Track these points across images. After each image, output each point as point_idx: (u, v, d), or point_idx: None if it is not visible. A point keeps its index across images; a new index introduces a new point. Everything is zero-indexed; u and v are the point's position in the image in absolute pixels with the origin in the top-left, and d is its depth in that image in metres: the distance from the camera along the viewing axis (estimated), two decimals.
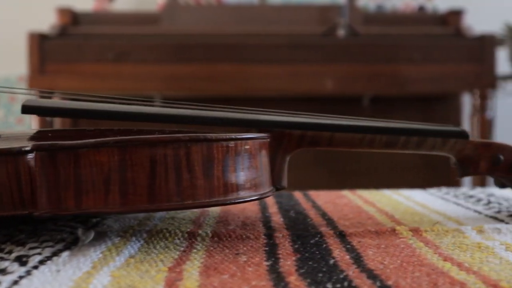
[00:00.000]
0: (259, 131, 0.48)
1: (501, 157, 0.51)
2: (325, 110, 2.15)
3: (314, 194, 0.69)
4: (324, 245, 0.42)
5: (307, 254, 0.40)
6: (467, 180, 1.91)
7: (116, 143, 0.39)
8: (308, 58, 1.72)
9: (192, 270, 0.35)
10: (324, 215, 0.54)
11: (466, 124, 1.88)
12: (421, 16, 2.02)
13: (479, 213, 0.55)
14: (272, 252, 0.40)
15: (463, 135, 0.51)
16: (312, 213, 0.55)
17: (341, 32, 1.82)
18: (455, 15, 1.96)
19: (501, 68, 2.12)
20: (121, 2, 2.26)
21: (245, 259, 0.38)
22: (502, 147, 0.52)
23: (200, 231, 0.45)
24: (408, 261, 0.38)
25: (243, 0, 2.08)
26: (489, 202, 0.60)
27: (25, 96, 0.52)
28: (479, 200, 0.62)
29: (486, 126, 1.77)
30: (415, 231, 0.46)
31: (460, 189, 0.70)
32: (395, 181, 1.56)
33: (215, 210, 0.57)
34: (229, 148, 0.41)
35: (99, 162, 0.39)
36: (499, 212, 0.55)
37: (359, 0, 2.09)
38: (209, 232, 0.45)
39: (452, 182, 1.69)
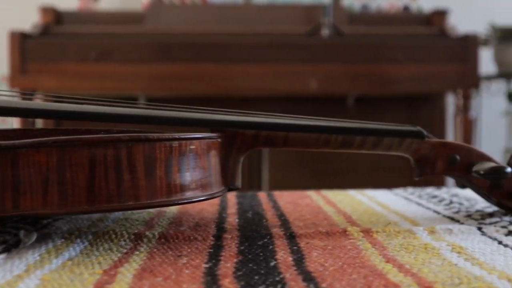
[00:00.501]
0: (211, 130, 0.48)
1: (458, 157, 0.51)
2: (309, 110, 2.15)
3: (278, 194, 0.68)
4: (271, 247, 0.41)
5: (250, 256, 0.39)
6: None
7: (54, 143, 0.38)
8: (292, 58, 1.72)
9: (127, 273, 0.35)
10: (281, 216, 0.54)
11: (450, 124, 1.89)
12: (406, 16, 2.02)
13: (438, 213, 0.55)
14: (215, 254, 0.39)
15: (419, 134, 0.51)
16: (269, 214, 0.55)
17: (325, 32, 1.82)
18: (440, 15, 1.96)
19: (486, 68, 2.12)
20: (106, 1, 2.25)
21: (185, 261, 0.38)
22: (458, 147, 0.51)
23: (147, 233, 0.44)
24: (350, 262, 0.37)
25: None
26: (450, 202, 0.60)
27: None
28: (441, 200, 0.62)
29: (469, 126, 1.77)
30: (366, 232, 0.45)
31: (426, 189, 0.70)
32: (378, 180, 1.56)
33: (172, 210, 0.56)
34: (173, 148, 0.41)
35: (37, 162, 0.38)
36: (457, 212, 0.55)
37: (344, 0, 2.09)
38: (156, 233, 0.44)
39: (434, 182, 1.69)
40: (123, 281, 0.33)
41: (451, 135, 1.86)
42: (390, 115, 1.95)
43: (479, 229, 0.46)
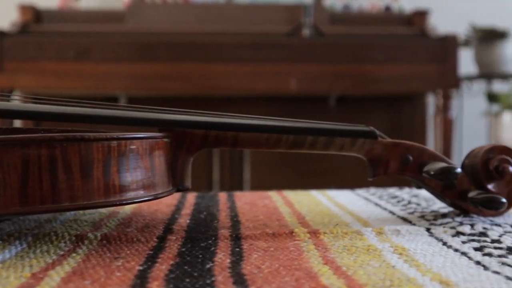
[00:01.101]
0: (159, 130, 0.47)
1: (410, 157, 0.51)
2: (291, 110, 2.15)
3: (238, 195, 0.67)
4: (212, 248, 0.41)
5: (188, 258, 0.38)
6: None
7: None
8: (272, 58, 1.71)
9: (56, 276, 0.34)
10: (234, 216, 0.53)
11: (431, 124, 1.89)
12: (387, 16, 2.02)
13: (393, 214, 0.55)
14: (153, 256, 0.39)
15: (372, 135, 0.50)
16: (223, 215, 0.54)
17: (306, 32, 1.82)
18: (420, 15, 1.96)
19: (467, 69, 2.13)
20: (87, 0, 2.24)
21: (120, 264, 0.37)
22: (410, 147, 0.51)
23: (89, 234, 0.43)
24: (287, 265, 0.37)
25: None
26: (409, 203, 0.60)
27: None
28: (400, 200, 0.62)
29: (449, 126, 1.78)
30: (314, 234, 0.45)
31: (388, 190, 0.70)
32: (361, 180, 1.56)
33: (125, 211, 0.56)
34: (111, 148, 0.40)
35: None
36: (412, 213, 0.54)
37: (326, 0, 2.09)
38: (98, 235, 0.43)
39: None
40: (48, 285, 0.32)
41: (432, 135, 1.87)
42: (371, 115, 1.96)
43: (428, 230, 0.46)
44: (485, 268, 0.35)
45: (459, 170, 0.49)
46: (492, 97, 1.91)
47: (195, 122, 0.47)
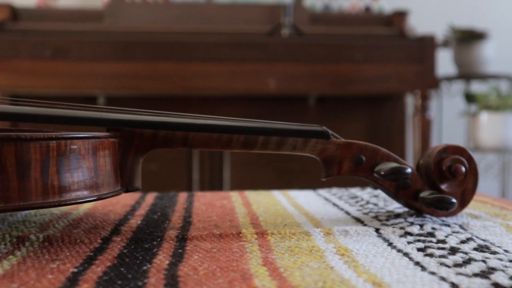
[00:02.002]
0: (108, 130, 0.47)
1: (363, 157, 0.50)
2: (270, 109, 2.14)
3: (199, 195, 0.67)
4: (155, 250, 0.40)
5: (127, 260, 0.38)
6: None
7: None
8: (251, 57, 1.71)
9: None
10: (187, 217, 0.53)
11: (410, 124, 1.90)
12: (367, 17, 2.03)
13: (348, 214, 0.54)
14: (92, 258, 0.38)
15: (324, 135, 0.50)
16: (177, 216, 0.53)
17: (285, 32, 1.82)
18: (400, 16, 1.97)
19: (447, 70, 2.15)
20: None
21: (55, 266, 0.36)
22: (363, 147, 0.51)
23: (31, 236, 0.42)
24: (225, 266, 0.36)
25: None
26: (367, 203, 0.60)
27: None
28: (359, 200, 0.61)
29: (427, 126, 1.79)
30: (261, 234, 0.44)
31: (350, 189, 0.70)
32: (341, 180, 1.56)
33: (78, 212, 0.55)
34: (50, 148, 0.39)
35: None
36: (367, 213, 0.54)
37: (306, 0, 2.09)
38: (41, 236, 0.42)
39: None
40: None
41: (411, 135, 1.87)
42: (351, 114, 1.96)
43: (377, 230, 0.46)
44: (423, 268, 0.35)
45: (409, 170, 0.48)
46: (469, 98, 1.92)
47: (143, 122, 0.47)
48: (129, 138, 0.47)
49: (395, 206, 0.57)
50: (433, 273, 0.34)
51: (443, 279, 0.33)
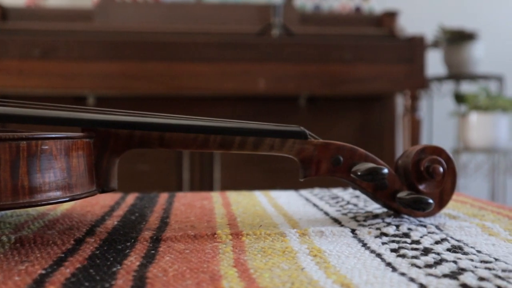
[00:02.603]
0: (82, 130, 0.46)
1: (341, 158, 0.50)
2: (261, 109, 2.14)
3: (180, 195, 0.67)
4: (127, 251, 0.40)
5: (98, 261, 0.37)
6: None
7: None
8: (240, 57, 1.71)
9: None
10: (165, 218, 0.52)
11: (400, 124, 1.90)
12: (357, 17, 2.03)
13: (327, 214, 0.54)
14: (63, 259, 0.38)
15: (302, 135, 0.50)
16: (155, 216, 0.53)
17: (275, 32, 1.82)
18: (390, 16, 1.97)
19: (437, 70, 2.15)
20: None
21: (23, 268, 0.36)
22: (341, 148, 0.51)
23: (3, 237, 0.42)
24: (195, 267, 0.36)
25: None
26: (347, 203, 0.59)
27: None
28: (340, 201, 0.61)
29: (416, 126, 1.79)
30: (236, 235, 0.44)
31: (332, 190, 0.70)
32: (331, 179, 1.56)
33: (56, 212, 0.54)
34: (20, 148, 0.39)
35: None
36: (346, 213, 0.54)
37: (297, 0, 2.09)
38: (12, 237, 0.42)
39: None
40: None
41: (402, 135, 1.88)
42: (342, 114, 1.96)
43: (353, 231, 0.46)
44: (394, 269, 0.35)
45: (385, 170, 0.48)
46: (459, 98, 1.93)
47: (118, 122, 0.46)
48: (105, 138, 0.47)
49: (375, 207, 0.57)
50: (403, 274, 0.34)
51: (412, 280, 0.33)
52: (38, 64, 1.66)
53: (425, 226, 0.47)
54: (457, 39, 2.02)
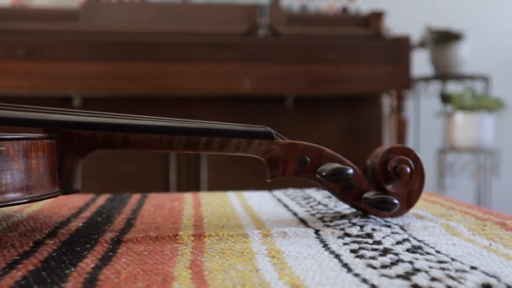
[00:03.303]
0: (44, 131, 0.46)
1: (307, 158, 0.50)
2: (247, 110, 2.14)
3: (152, 196, 0.66)
4: (85, 253, 0.40)
5: (53, 263, 0.37)
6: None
7: None
8: (226, 57, 1.70)
9: None
10: (131, 219, 0.52)
11: (387, 124, 1.91)
12: (344, 17, 2.03)
13: (296, 215, 0.54)
14: (17, 262, 0.37)
15: (268, 135, 0.50)
16: (121, 217, 0.53)
17: (261, 32, 1.81)
18: (376, 16, 1.98)
19: (424, 70, 2.16)
20: None
21: None
22: (307, 148, 0.50)
23: None
24: (149, 269, 0.36)
25: None
26: (318, 204, 0.59)
27: None
28: (311, 201, 0.61)
29: (402, 126, 1.79)
30: (198, 236, 0.44)
31: (306, 190, 0.69)
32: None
33: (22, 214, 0.54)
34: None
35: None
36: (315, 214, 0.54)
37: (284, 0, 2.09)
38: None
39: None
40: None
41: (388, 135, 1.88)
42: (329, 115, 1.96)
43: (316, 232, 0.45)
44: (349, 270, 0.35)
45: (350, 171, 0.48)
46: (445, 98, 1.94)
47: (80, 123, 0.46)
48: (67, 139, 0.46)
49: (344, 207, 0.57)
50: (357, 275, 0.34)
51: (364, 280, 0.33)
52: (22, 64, 1.65)
53: (389, 227, 0.47)
54: (443, 39, 2.03)
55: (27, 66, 1.65)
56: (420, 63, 2.17)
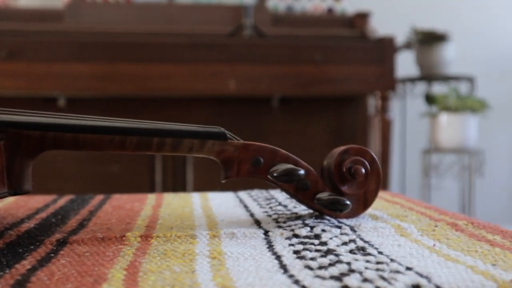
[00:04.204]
0: None
1: (261, 159, 0.50)
2: (233, 110, 2.13)
3: (116, 197, 0.66)
4: (25, 254, 0.39)
5: None
6: None
7: None
8: (210, 58, 1.70)
9: None
10: (86, 220, 0.52)
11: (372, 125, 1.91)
12: (329, 18, 2.03)
13: (252, 216, 0.54)
14: None
15: (221, 136, 0.49)
16: (76, 218, 0.52)
17: (246, 33, 1.81)
18: (362, 17, 1.98)
19: (410, 71, 2.16)
20: None
21: None
22: (261, 149, 0.50)
23: None
24: (84, 271, 0.35)
25: None
26: (278, 205, 0.59)
27: None
28: (272, 202, 0.61)
29: (387, 126, 1.80)
30: (145, 238, 0.44)
31: (270, 191, 0.69)
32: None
33: None
34: None
35: None
36: (271, 215, 0.54)
37: (269, 1, 2.09)
38: None
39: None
40: None
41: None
42: (315, 115, 1.96)
43: (266, 233, 0.45)
44: (285, 271, 0.35)
45: (302, 172, 0.48)
46: (429, 99, 1.94)
47: (28, 123, 0.46)
48: (16, 140, 0.46)
49: (303, 208, 0.57)
50: (291, 276, 0.34)
51: (296, 281, 0.33)
52: (5, 65, 1.65)
53: (339, 227, 0.47)
54: (428, 40, 2.03)
55: (8, 66, 1.65)
56: (406, 64, 2.18)
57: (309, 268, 0.35)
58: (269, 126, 1.96)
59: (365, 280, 0.32)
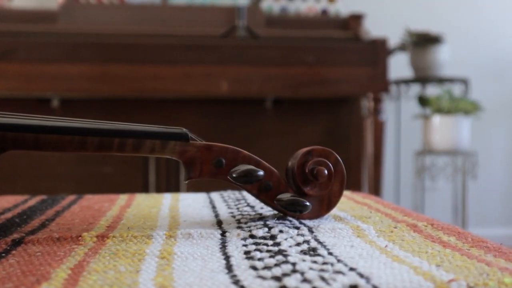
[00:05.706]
0: None
1: (223, 160, 0.50)
2: (226, 111, 2.13)
3: (88, 198, 0.66)
4: None
5: None
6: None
7: None
8: (203, 59, 1.70)
9: None
10: (49, 220, 0.52)
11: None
12: (323, 20, 2.03)
13: (217, 216, 0.54)
14: None
15: (183, 137, 0.50)
16: (41, 219, 0.53)
17: (239, 34, 1.81)
18: (356, 19, 1.98)
19: (405, 73, 2.16)
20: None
21: None
22: (223, 150, 0.50)
23: None
24: (29, 270, 0.35)
25: (146, 0, 2.04)
26: (247, 205, 0.59)
27: None
28: (241, 203, 0.61)
29: (379, 128, 1.79)
30: (101, 238, 0.44)
31: (243, 192, 0.69)
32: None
33: None
34: None
35: None
36: (235, 216, 0.54)
37: (263, 2, 2.09)
38: None
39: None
40: None
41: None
42: (309, 117, 1.96)
43: (223, 233, 0.45)
44: (229, 271, 0.35)
45: (261, 173, 0.48)
46: (422, 101, 1.94)
47: None
48: None
49: (269, 209, 0.57)
50: (233, 276, 0.34)
51: (236, 282, 0.33)
52: None
53: (298, 228, 0.47)
54: (422, 42, 2.03)
55: (2, 67, 1.65)
56: (400, 66, 2.17)
57: (254, 268, 0.35)
58: (262, 128, 1.96)
59: (304, 280, 0.32)
